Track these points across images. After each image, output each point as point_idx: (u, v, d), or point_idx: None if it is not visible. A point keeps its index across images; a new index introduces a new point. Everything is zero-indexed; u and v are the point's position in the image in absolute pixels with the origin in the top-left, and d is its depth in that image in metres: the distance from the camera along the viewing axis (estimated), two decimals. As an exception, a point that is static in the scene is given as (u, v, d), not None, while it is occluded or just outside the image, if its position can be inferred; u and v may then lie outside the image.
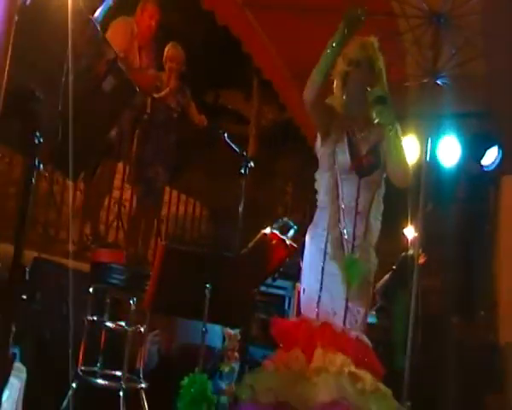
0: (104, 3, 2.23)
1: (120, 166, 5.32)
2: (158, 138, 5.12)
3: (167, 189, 5.58)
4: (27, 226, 1.64)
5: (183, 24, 9.19)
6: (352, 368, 2.53)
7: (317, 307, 2.69)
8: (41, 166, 1.65)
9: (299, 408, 2.50)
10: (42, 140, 1.63)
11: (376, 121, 2.73)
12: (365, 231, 2.79)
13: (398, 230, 7.03)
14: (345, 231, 2.75)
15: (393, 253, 7.01)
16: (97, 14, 2.16)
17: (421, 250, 5.07)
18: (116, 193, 5.27)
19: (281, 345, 2.75)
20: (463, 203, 9.00)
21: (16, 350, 2.43)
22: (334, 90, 2.96)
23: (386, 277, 6.07)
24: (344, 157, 2.80)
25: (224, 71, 10.80)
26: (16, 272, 1.58)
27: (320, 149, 2.91)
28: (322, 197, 2.85)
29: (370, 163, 2.81)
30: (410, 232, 6.20)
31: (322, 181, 2.86)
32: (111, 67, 1.88)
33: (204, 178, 6.12)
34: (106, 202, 5.07)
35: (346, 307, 2.69)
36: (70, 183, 3.43)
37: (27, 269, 1.58)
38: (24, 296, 1.57)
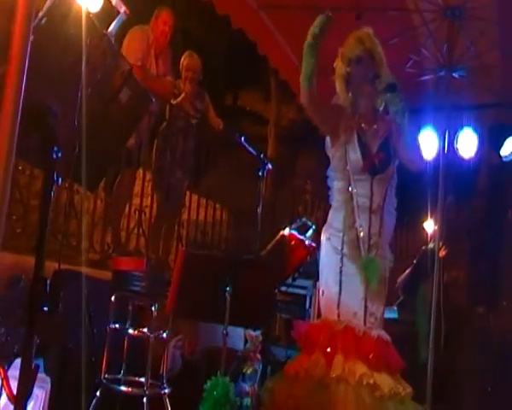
0: (118, 18, 2.27)
1: (140, 172, 5.38)
2: (177, 145, 5.19)
3: (187, 193, 5.62)
4: (47, 238, 1.67)
5: (200, 29, 9.29)
6: (371, 380, 2.54)
7: (338, 308, 2.71)
8: (60, 180, 1.68)
9: None
10: (60, 154, 1.67)
11: (384, 109, 2.75)
12: (380, 229, 2.80)
13: (418, 224, 7.01)
14: (361, 232, 2.76)
15: (414, 247, 6.99)
16: (111, 28, 2.20)
17: (441, 243, 5.06)
18: (136, 200, 5.32)
19: (302, 348, 2.76)
20: (485, 193, 8.95)
21: (39, 361, 2.47)
22: (338, 92, 2.97)
23: (408, 271, 6.05)
24: (356, 158, 2.81)
25: (241, 73, 10.87)
26: (38, 284, 1.62)
27: (331, 149, 2.92)
28: (337, 197, 2.87)
29: (382, 160, 2.82)
30: (430, 226, 6.16)
31: (335, 181, 2.88)
32: (126, 78, 1.92)
33: (223, 181, 6.15)
34: (126, 210, 5.12)
35: (366, 307, 2.71)
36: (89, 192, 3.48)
37: (48, 281, 1.61)
38: (46, 308, 1.59)
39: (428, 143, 5.67)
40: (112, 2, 2.31)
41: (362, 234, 2.76)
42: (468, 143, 5.66)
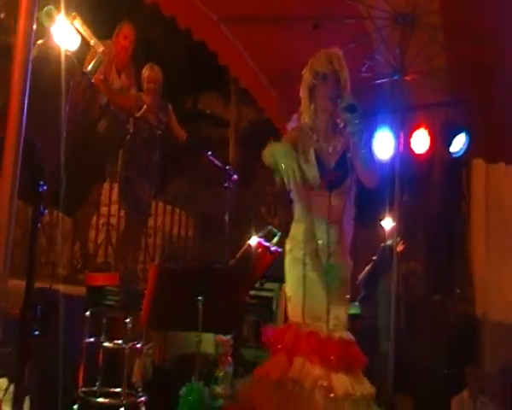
0: (96, 57, 2.37)
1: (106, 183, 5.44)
2: (142, 156, 5.27)
3: (153, 202, 5.70)
4: (36, 265, 1.78)
5: (162, 37, 9.32)
6: (325, 382, 2.69)
7: (303, 312, 2.86)
8: (45, 211, 1.79)
9: None
10: (45, 188, 1.77)
11: (343, 127, 2.88)
12: (339, 238, 2.95)
13: (377, 222, 7.24)
14: (320, 242, 2.91)
15: (374, 244, 7.24)
16: (90, 67, 2.30)
17: (399, 239, 5.30)
18: (104, 209, 5.37)
19: (270, 351, 2.90)
20: (439, 188, 9.32)
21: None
22: (302, 100, 3.08)
23: (368, 268, 6.29)
24: (314, 176, 2.93)
25: (202, 78, 10.92)
26: (29, 311, 1.72)
27: None
28: (298, 210, 3.01)
29: (339, 177, 2.95)
30: (387, 223, 6.41)
31: (295, 195, 3.01)
32: (104, 110, 2.04)
33: (189, 189, 6.25)
34: (94, 221, 5.18)
35: (329, 311, 2.86)
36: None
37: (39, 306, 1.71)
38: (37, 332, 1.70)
39: (384, 143, 5.90)
40: (90, 43, 2.41)
41: (321, 244, 2.90)
42: (421, 142, 5.89)
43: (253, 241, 3.83)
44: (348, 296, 3.02)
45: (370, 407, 2.84)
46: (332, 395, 2.69)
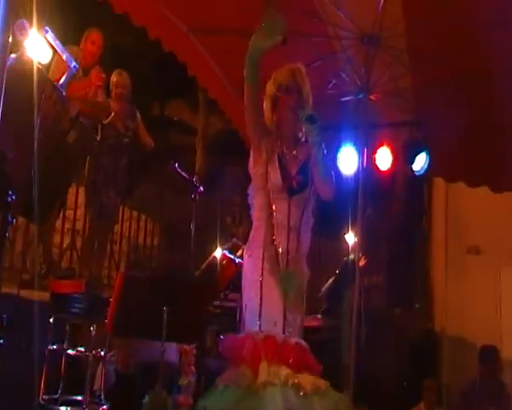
0: (68, 71, 2.41)
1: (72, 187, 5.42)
2: (109, 163, 5.29)
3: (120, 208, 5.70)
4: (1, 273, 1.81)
5: (130, 44, 9.33)
6: (296, 380, 2.76)
7: (259, 319, 2.90)
8: (14, 220, 1.82)
9: None
10: (14, 197, 1.81)
11: (304, 139, 2.97)
12: (297, 245, 3.00)
13: (341, 235, 7.38)
14: (279, 247, 2.97)
15: (338, 257, 7.37)
16: (62, 80, 2.34)
17: (361, 253, 5.43)
18: (69, 213, 5.35)
19: (229, 362, 2.93)
20: (402, 203, 9.53)
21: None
22: (265, 112, 3.15)
23: (330, 281, 6.41)
24: (275, 178, 2.99)
25: (171, 85, 10.97)
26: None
27: (253, 168, 3.09)
28: (258, 214, 3.05)
29: (300, 183, 3.02)
30: (350, 238, 6.54)
31: (255, 199, 3.06)
32: (74, 122, 2.09)
33: (155, 196, 6.27)
34: (59, 226, 5.16)
35: (285, 317, 2.91)
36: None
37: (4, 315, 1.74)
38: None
39: (348, 159, 6.05)
40: (63, 58, 2.45)
41: (280, 250, 2.96)
42: (384, 159, 6.04)
43: (218, 253, 3.89)
44: (304, 304, 3.06)
45: (336, 394, 2.89)
46: (302, 391, 2.74)
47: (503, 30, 4.49)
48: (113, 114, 5.33)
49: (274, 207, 2.99)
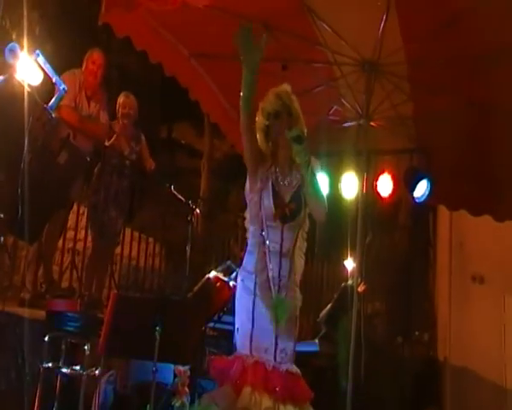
0: (58, 94, 2.49)
1: (74, 207, 5.49)
2: (111, 183, 5.37)
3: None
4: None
5: (136, 64, 9.48)
6: None
7: (250, 344, 2.92)
8: (1, 238, 1.87)
9: None
10: (2, 216, 1.87)
11: (295, 161, 2.99)
12: (290, 271, 3.03)
13: (340, 262, 7.39)
14: (271, 274, 2.99)
15: (335, 284, 7.38)
16: (52, 102, 2.41)
17: (360, 279, 5.43)
18: (70, 233, 5.41)
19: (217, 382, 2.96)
20: (406, 230, 9.53)
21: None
22: (260, 143, 3.17)
23: (329, 306, 6.40)
24: (268, 206, 3.02)
25: (176, 106, 11.10)
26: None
27: (249, 194, 3.13)
28: (251, 240, 3.08)
29: (292, 211, 3.04)
30: (349, 264, 6.55)
31: (250, 225, 3.10)
32: (64, 143, 2.15)
33: (156, 218, 6.33)
34: (60, 245, 5.22)
35: (276, 343, 2.93)
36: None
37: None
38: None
39: (350, 184, 6.09)
40: (52, 81, 2.52)
41: (272, 276, 2.98)
42: (385, 186, 6.07)
43: (212, 275, 3.93)
44: (296, 331, 3.07)
45: None
46: None
47: (506, 59, 4.54)
48: (115, 135, 5.43)
49: (267, 235, 3.00)
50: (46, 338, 3.44)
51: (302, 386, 2.94)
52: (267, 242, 3.00)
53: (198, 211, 4.11)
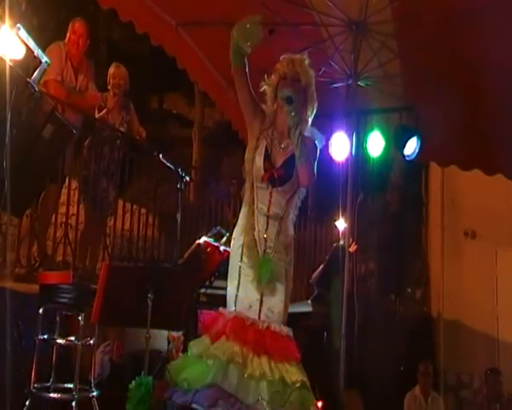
0: (40, 66, 2.47)
1: (66, 182, 5.48)
2: (102, 155, 5.35)
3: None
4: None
5: (124, 37, 9.39)
6: (240, 360, 2.81)
7: (235, 301, 3.00)
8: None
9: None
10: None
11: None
12: (277, 233, 3.05)
13: (331, 223, 7.42)
14: (257, 234, 3.02)
15: (327, 245, 7.43)
16: (35, 75, 2.39)
17: (351, 240, 5.48)
18: (62, 208, 5.41)
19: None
20: (398, 189, 9.58)
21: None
22: (267, 101, 3.19)
23: (321, 267, 6.46)
24: (258, 167, 3.04)
25: (166, 76, 11.04)
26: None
27: (246, 154, 3.12)
28: (244, 198, 3.12)
29: (281, 177, 3.04)
30: (341, 224, 6.58)
31: (245, 183, 3.12)
32: (49, 116, 2.15)
33: (149, 187, 6.34)
34: (53, 220, 5.23)
35: (261, 302, 2.99)
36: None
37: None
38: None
39: (340, 146, 6.09)
40: (34, 53, 2.50)
41: (258, 236, 3.01)
42: (376, 145, 6.08)
43: (202, 240, 3.96)
44: (288, 291, 3.08)
45: (299, 392, 2.89)
46: (246, 374, 2.80)
47: (493, 15, 4.50)
48: (105, 110, 5.41)
49: (256, 195, 3.03)
50: (40, 311, 3.49)
51: (285, 345, 2.96)
52: (256, 201, 3.03)
53: (188, 179, 4.09)
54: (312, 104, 3.20)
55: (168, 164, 3.99)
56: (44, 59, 2.47)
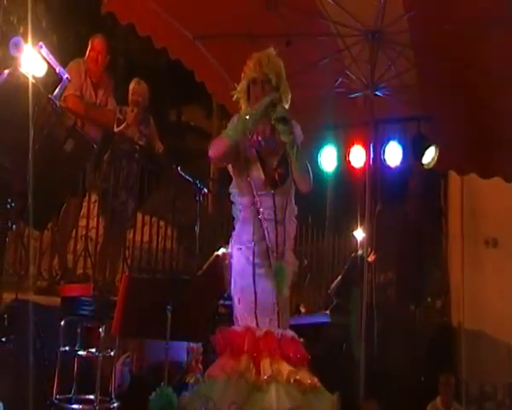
0: (61, 83, 2.53)
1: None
2: (121, 170, 5.43)
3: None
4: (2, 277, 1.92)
5: (142, 50, 9.48)
6: (297, 376, 2.79)
7: (256, 315, 2.91)
8: (13, 226, 1.94)
9: None
10: (13, 204, 1.93)
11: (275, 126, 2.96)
12: (284, 238, 3.03)
13: (350, 234, 7.39)
14: (270, 243, 2.98)
15: (346, 255, 7.40)
16: (56, 92, 2.45)
17: (370, 249, 5.46)
18: (82, 221, 5.48)
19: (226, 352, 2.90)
20: (417, 198, 9.51)
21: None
22: (241, 106, 3.11)
23: (339, 277, 6.44)
24: (257, 175, 2.99)
25: (186, 92, 11.11)
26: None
27: (231, 168, 3.05)
28: (243, 212, 3.03)
29: (281, 175, 3.01)
30: (359, 234, 6.57)
31: (239, 198, 3.05)
32: (70, 131, 2.21)
33: (168, 200, 6.40)
34: (73, 233, 5.29)
35: (278, 311, 2.94)
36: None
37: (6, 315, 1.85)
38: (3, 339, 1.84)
39: (357, 156, 6.09)
40: (56, 70, 2.56)
41: (271, 245, 2.97)
42: (393, 155, 6.06)
43: (221, 252, 3.97)
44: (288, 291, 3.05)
45: (327, 394, 2.89)
46: (302, 387, 2.78)
47: (509, 24, 4.48)
48: (124, 124, 5.50)
49: (260, 204, 2.98)
50: (62, 323, 3.53)
51: (301, 350, 2.95)
52: (261, 210, 2.99)
53: (206, 191, 4.12)
54: (287, 96, 3.11)
55: (186, 176, 4.02)
56: (65, 76, 2.53)
